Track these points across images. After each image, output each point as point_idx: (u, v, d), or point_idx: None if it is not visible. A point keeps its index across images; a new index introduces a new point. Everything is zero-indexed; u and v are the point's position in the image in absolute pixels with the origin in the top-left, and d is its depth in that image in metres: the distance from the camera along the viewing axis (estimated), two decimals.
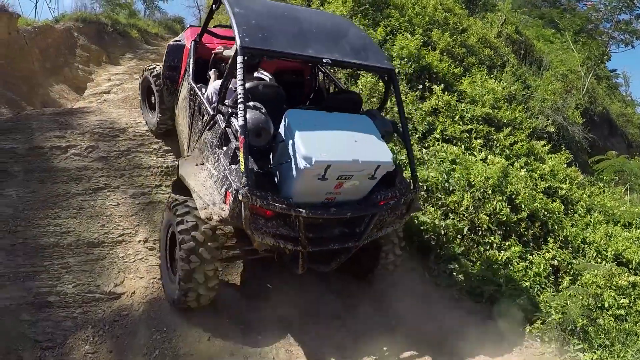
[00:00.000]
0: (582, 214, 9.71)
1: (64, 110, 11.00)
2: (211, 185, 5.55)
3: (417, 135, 9.82)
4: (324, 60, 5.82)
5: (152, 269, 7.04)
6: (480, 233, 8.33)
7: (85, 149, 8.71)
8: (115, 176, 8.36)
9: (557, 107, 13.68)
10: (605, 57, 20.24)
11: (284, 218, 5.48)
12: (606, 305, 7.53)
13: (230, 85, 6.08)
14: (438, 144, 9.60)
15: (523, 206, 8.67)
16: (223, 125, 5.62)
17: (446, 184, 8.72)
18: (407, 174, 6.95)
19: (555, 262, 8.26)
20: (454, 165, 9.01)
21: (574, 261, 8.45)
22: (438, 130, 9.86)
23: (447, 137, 9.89)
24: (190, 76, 7.01)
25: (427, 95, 10.63)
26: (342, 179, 5.34)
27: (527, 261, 8.16)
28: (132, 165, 8.54)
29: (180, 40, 8.12)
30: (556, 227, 8.86)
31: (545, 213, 8.87)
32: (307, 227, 5.50)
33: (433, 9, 13.93)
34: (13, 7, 16.52)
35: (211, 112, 6.01)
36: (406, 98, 10.26)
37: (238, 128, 5.10)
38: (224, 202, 5.24)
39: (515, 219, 8.54)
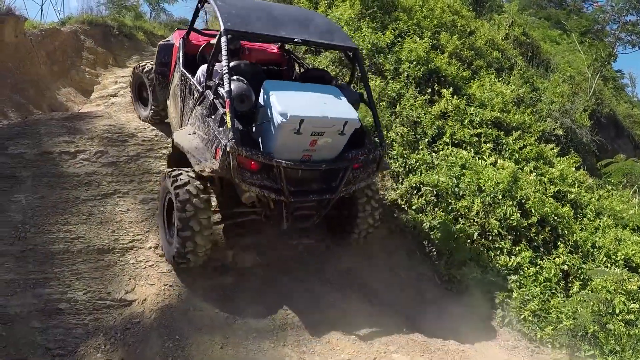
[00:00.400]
0: (592, 218, 9.65)
1: (73, 114, 10.99)
2: (203, 147, 6.45)
3: (426, 140, 9.79)
4: (294, 39, 6.80)
5: (163, 275, 7.02)
6: (490, 238, 8.30)
7: (95, 154, 8.70)
8: (124, 181, 8.35)
9: (565, 109, 13.61)
10: (612, 57, 20.13)
11: (268, 171, 6.25)
12: (617, 310, 7.48)
13: (216, 67, 6.90)
14: (447, 148, 9.56)
15: (533, 211, 8.62)
16: (212, 97, 6.48)
17: (456, 189, 8.69)
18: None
19: (565, 267, 8.20)
20: (464, 170, 8.98)
21: (583, 266, 8.39)
22: (447, 134, 9.83)
23: (456, 141, 9.85)
24: (181, 65, 7.73)
25: (436, 99, 10.59)
26: (316, 135, 6.19)
27: (538, 266, 8.10)
28: (141, 171, 8.52)
29: (169, 40, 8.85)
30: (566, 231, 8.80)
31: (555, 218, 8.82)
32: (288, 181, 6.28)
33: (441, 11, 13.87)
34: (19, 10, 16.51)
35: (201, 90, 6.84)
36: (415, 102, 10.23)
37: (224, 94, 5.99)
38: (214, 157, 6.14)
39: (526, 223, 8.50)
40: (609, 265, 8.57)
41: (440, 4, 14.33)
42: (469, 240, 8.22)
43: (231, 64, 6.37)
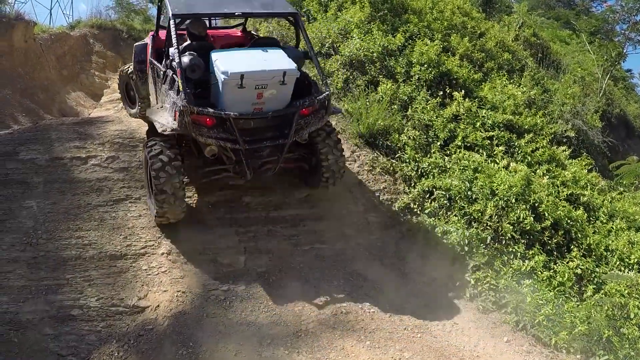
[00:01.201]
0: (605, 221, 9.54)
1: (83, 119, 11.03)
2: (166, 115, 7.26)
3: (438, 143, 9.73)
4: (235, 13, 7.74)
5: (176, 282, 7.00)
6: (504, 242, 8.20)
7: (106, 160, 8.70)
8: (136, 187, 8.33)
9: (576, 111, 13.52)
10: (622, 57, 19.99)
11: (222, 126, 7.03)
12: (631, 315, 7.40)
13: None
14: (460, 152, 9.49)
15: (546, 214, 8.54)
16: (170, 73, 7.30)
17: (469, 193, 8.62)
18: None
19: (579, 271, 8.12)
20: (476, 174, 8.90)
21: (597, 270, 8.29)
22: (459, 138, 9.76)
23: (468, 145, 9.78)
24: (149, 56, 8.69)
25: (448, 101, 10.52)
26: (260, 88, 6.92)
27: (551, 270, 8.02)
28: None
29: (144, 41, 9.52)
30: (579, 235, 8.71)
31: (569, 221, 8.72)
32: (242, 132, 7.07)
33: (451, 13, 13.82)
34: (29, 15, 16.60)
35: (163, 70, 7.69)
36: (427, 105, 10.18)
37: (176, 66, 6.90)
38: (174, 119, 6.95)
39: (539, 227, 8.41)
40: (622, 268, 8.46)
41: (450, 6, 14.28)
42: (482, 245, 8.14)
43: (185, 45, 7.62)
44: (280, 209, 8.42)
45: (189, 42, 7.87)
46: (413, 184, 9.21)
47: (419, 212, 8.82)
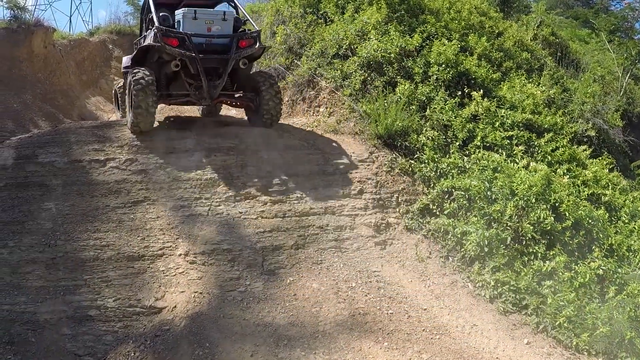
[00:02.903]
0: (626, 221, 9.39)
1: (102, 123, 11.10)
2: (148, 39, 9.85)
3: (457, 143, 9.64)
4: None
5: (193, 283, 7.00)
6: (524, 243, 8.11)
7: (124, 162, 8.73)
8: (154, 189, 8.36)
9: (596, 110, 13.33)
10: None
11: (184, 45, 9.19)
12: None
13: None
14: (479, 152, 9.40)
15: (567, 214, 8.41)
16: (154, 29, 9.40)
17: (488, 193, 8.53)
18: None
19: (601, 272, 7.98)
20: (496, 174, 8.81)
21: (619, 270, 8.14)
22: (479, 138, 9.66)
23: (488, 145, 9.67)
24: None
25: (466, 101, 10.43)
26: (208, 23, 9.47)
27: (572, 271, 7.90)
28: (171, 178, 8.51)
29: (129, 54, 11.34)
30: (601, 235, 8.57)
31: (590, 221, 8.58)
32: (198, 51, 9.20)
33: (468, 13, 13.72)
34: (48, 21, 16.78)
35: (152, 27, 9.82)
36: (445, 105, 10.10)
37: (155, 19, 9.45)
38: (153, 40, 9.36)
39: (560, 227, 8.29)
40: None
41: (467, 5, 14.18)
42: (502, 245, 8.05)
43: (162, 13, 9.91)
44: None
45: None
46: (432, 185, 9.16)
47: (438, 212, 8.77)
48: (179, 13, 9.55)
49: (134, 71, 9.27)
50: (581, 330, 7.17)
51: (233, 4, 10.81)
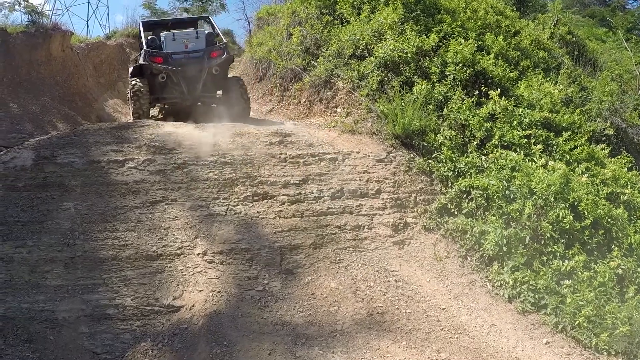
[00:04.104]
0: None
1: (120, 124, 11.15)
2: (140, 59, 12.74)
3: (475, 142, 9.59)
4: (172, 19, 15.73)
5: (211, 282, 7.02)
6: (543, 242, 8.05)
7: (142, 163, 8.77)
8: (172, 189, 8.40)
9: (614, 108, 13.19)
10: None
11: (167, 62, 11.92)
12: None
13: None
14: (497, 151, 9.34)
15: (586, 213, 8.32)
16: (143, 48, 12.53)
17: (507, 192, 8.48)
18: None
19: (620, 271, 7.90)
20: (514, 173, 8.74)
21: (639, 270, 8.05)
22: (496, 137, 9.59)
23: (505, 144, 9.59)
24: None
25: (484, 100, 10.36)
26: (185, 41, 12.21)
27: (592, 270, 7.82)
28: (189, 178, 8.56)
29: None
30: (620, 234, 8.46)
31: (609, 220, 8.49)
32: (177, 65, 11.93)
33: (484, 12, 13.63)
34: (65, 25, 16.92)
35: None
36: (462, 104, 10.05)
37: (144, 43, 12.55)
38: (143, 60, 12.25)
39: (579, 226, 8.21)
40: None
41: (483, 5, 14.08)
42: (521, 245, 8.00)
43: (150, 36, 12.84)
44: None
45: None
46: (450, 184, 9.12)
47: (456, 212, 8.74)
48: (162, 36, 12.45)
49: (132, 82, 12.16)
50: (600, 330, 7.11)
51: (209, 21, 14.53)
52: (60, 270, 7.15)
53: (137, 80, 12.03)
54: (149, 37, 12.57)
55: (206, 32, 13.12)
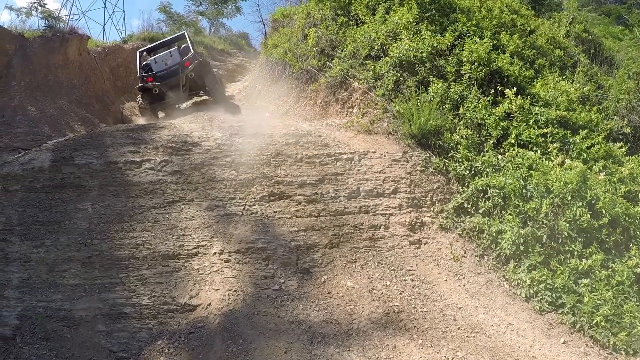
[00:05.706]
0: None
1: (137, 126, 11.24)
2: (139, 83, 15.95)
3: (491, 141, 9.54)
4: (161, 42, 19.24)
5: (227, 281, 7.05)
6: (560, 241, 7.97)
7: (159, 163, 8.84)
8: (189, 189, 8.45)
9: (632, 106, 13.06)
10: None
11: (155, 79, 15.21)
12: None
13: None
14: (513, 150, 9.27)
15: (604, 212, 8.23)
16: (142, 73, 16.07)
17: (523, 191, 8.42)
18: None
19: (638, 270, 7.81)
20: (531, 171, 8.69)
21: None
22: (513, 135, 9.53)
23: (522, 142, 9.52)
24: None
25: (500, 99, 10.29)
26: (165, 60, 15.69)
27: (610, 269, 7.74)
28: (205, 179, 8.60)
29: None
30: (638, 232, 8.38)
31: (627, 218, 8.39)
32: (161, 79, 15.25)
33: (499, 11, 13.56)
34: (82, 29, 17.14)
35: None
36: (478, 103, 10.00)
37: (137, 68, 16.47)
38: (142, 82, 15.66)
39: (596, 225, 8.12)
40: None
41: (498, 3, 14.01)
42: (538, 244, 7.94)
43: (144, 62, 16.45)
44: None
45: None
46: (466, 184, 9.06)
47: (473, 211, 8.69)
48: (149, 60, 16.15)
49: (137, 99, 16.14)
50: (619, 329, 7.03)
51: (186, 37, 17.35)
52: (78, 270, 7.23)
53: (140, 97, 15.81)
54: (143, 63, 16.36)
55: (182, 47, 16.61)
